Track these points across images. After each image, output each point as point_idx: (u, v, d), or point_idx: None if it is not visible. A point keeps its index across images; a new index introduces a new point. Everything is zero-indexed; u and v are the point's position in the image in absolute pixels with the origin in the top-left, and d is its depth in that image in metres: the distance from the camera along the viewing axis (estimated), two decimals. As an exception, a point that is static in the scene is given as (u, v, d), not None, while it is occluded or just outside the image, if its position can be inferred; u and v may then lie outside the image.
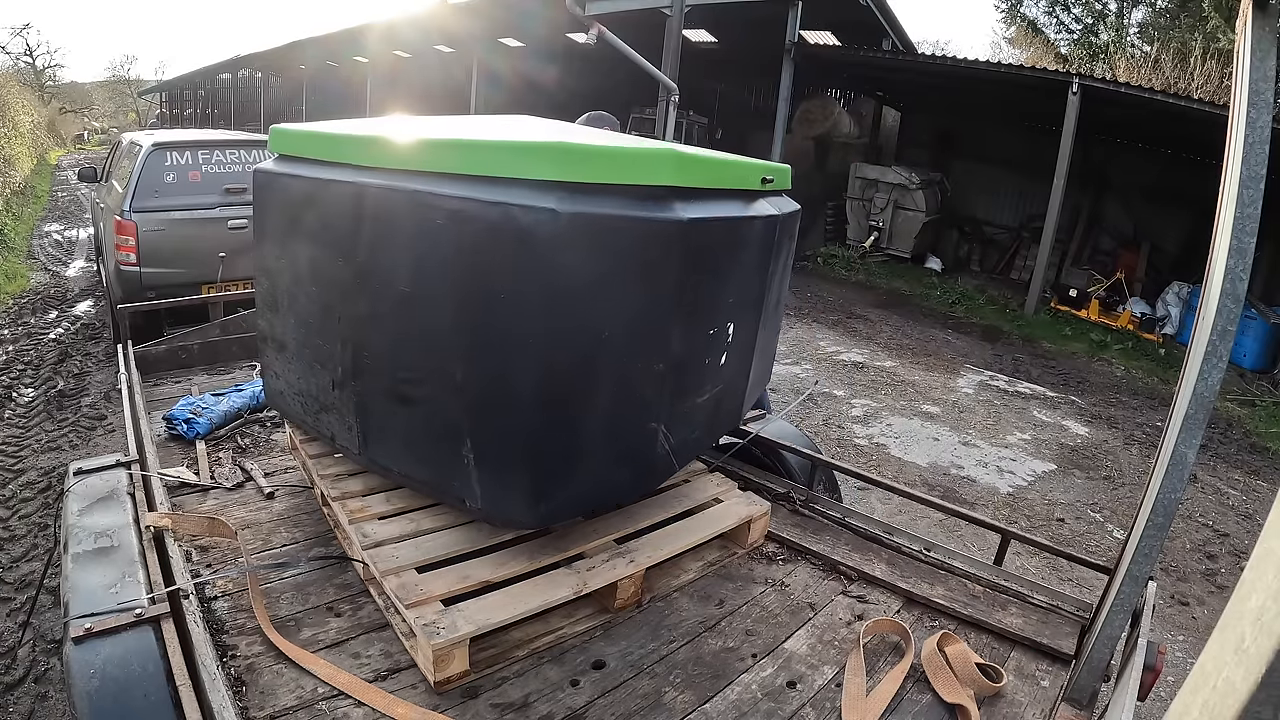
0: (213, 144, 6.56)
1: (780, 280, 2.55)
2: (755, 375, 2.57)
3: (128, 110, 53.65)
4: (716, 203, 1.97)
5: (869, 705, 1.84)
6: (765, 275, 2.33)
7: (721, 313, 2.09)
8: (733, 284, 2.12)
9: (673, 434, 2.02)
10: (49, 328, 7.60)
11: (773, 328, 2.65)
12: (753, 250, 2.20)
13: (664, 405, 1.96)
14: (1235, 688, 0.47)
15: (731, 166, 2.17)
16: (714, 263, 1.97)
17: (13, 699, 2.91)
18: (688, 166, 1.85)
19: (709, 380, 2.14)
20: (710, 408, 2.24)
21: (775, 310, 2.59)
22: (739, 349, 2.29)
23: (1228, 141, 1.80)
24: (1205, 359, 1.60)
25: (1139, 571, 1.75)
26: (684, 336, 1.93)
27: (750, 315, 2.31)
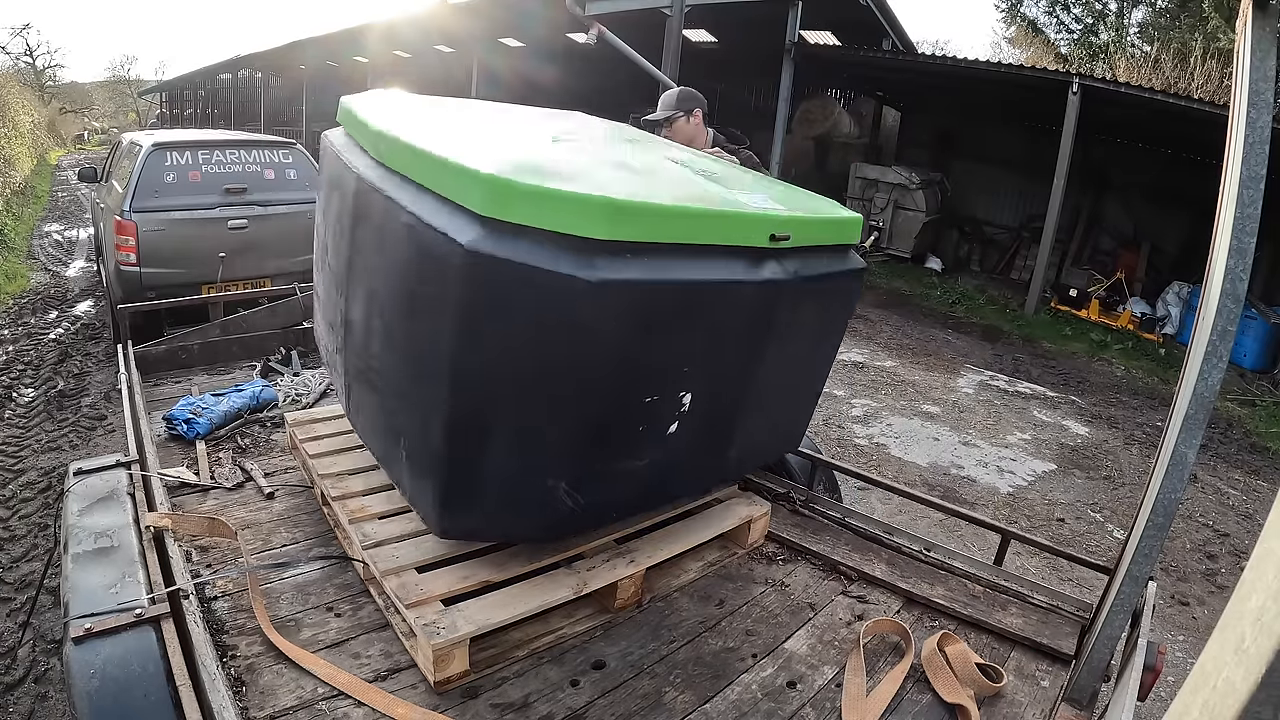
0: (213, 144, 6.56)
1: (806, 349, 2.27)
2: (754, 443, 2.33)
3: (128, 110, 53.65)
4: (673, 261, 1.71)
5: (869, 705, 1.84)
6: (759, 345, 2.01)
7: (667, 382, 1.85)
8: (692, 353, 1.86)
9: (590, 493, 1.89)
10: (49, 328, 7.60)
11: (790, 396, 2.39)
12: (735, 318, 1.90)
13: (568, 463, 1.83)
14: (1235, 688, 0.47)
15: (718, 220, 1.83)
16: (653, 329, 1.74)
17: (13, 699, 2.91)
18: (626, 219, 1.63)
19: (647, 447, 1.93)
20: (658, 473, 2.04)
21: (795, 379, 2.32)
22: (707, 418, 2.02)
23: (1228, 141, 1.80)
24: (1205, 359, 1.60)
25: (1139, 571, 1.75)
26: (601, 400, 1.77)
27: (728, 385, 2.04)
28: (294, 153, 6.92)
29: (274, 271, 6.37)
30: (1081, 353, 9.55)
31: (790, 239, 1.93)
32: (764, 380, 2.11)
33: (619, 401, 1.80)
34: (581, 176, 1.76)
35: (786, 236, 1.92)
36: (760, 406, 2.19)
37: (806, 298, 2.08)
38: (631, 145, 2.52)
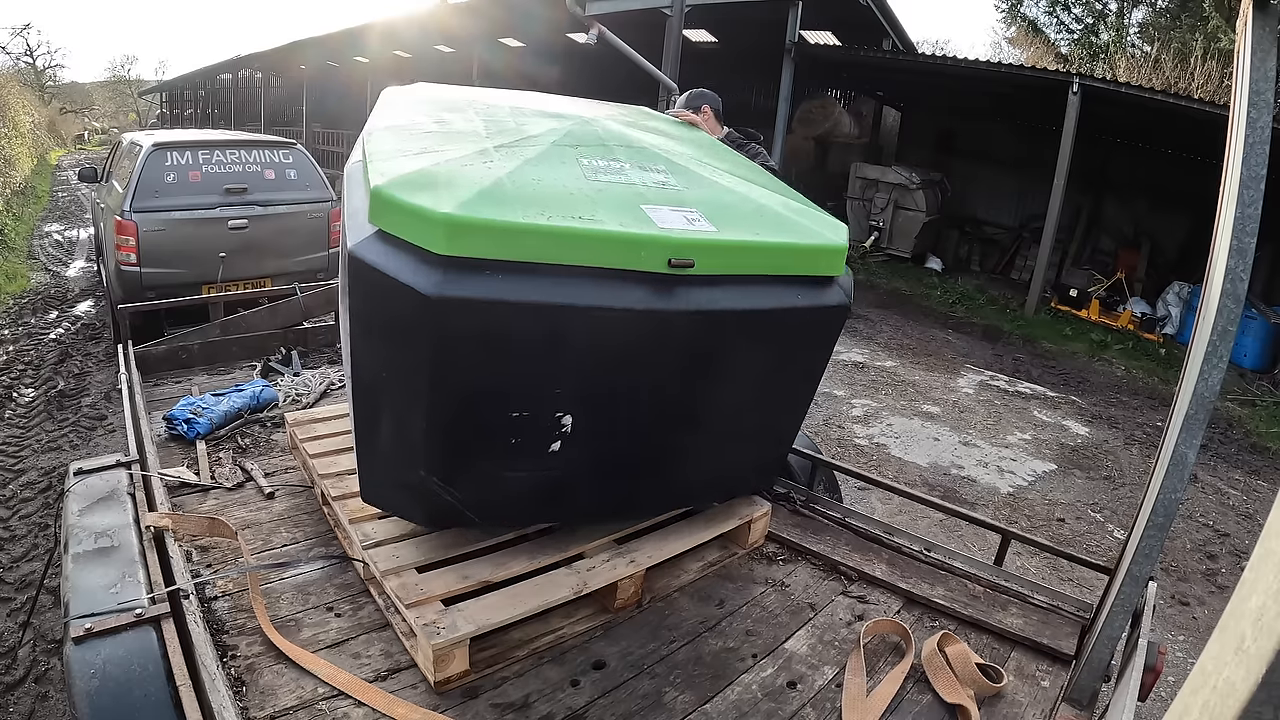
0: (213, 144, 6.56)
1: (767, 386, 2.16)
2: (714, 473, 2.32)
3: (128, 110, 53.63)
4: (531, 281, 1.67)
5: (869, 705, 1.84)
6: (685, 377, 1.96)
7: (535, 400, 1.83)
8: (562, 376, 1.82)
9: (469, 492, 1.94)
10: (49, 328, 7.60)
11: (757, 432, 2.31)
12: (633, 346, 1.84)
13: (437, 459, 1.87)
14: (1235, 688, 0.47)
15: (591, 241, 1.72)
16: (502, 347, 1.73)
17: (13, 699, 2.91)
18: (466, 236, 1.62)
19: (527, 460, 1.92)
20: (561, 487, 2.05)
21: (758, 415, 2.24)
22: (625, 443, 2.03)
23: (1228, 142, 1.80)
24: (1206, 359, 1.60)
25: (1139, 572, 1.75)
26: (455, 407, 1.80)
27: (647, 413, 2.00)
28: (294, 153, 6.92)
29: (274, 271, 6.38)
30: (1082, 353, 9.54)
31: (694, 265, 1.80)
32: (711, 414, 2.09)
33: (477, 411, 1.82)
34: (468, 187, 1.73)
35: (689, 263, 1.79)
36: (714, 439, 2.17)
37: (754, 332, 1.98)
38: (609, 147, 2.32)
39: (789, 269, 2.00)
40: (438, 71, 19.44)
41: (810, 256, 2.04)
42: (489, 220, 1.65)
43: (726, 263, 1.88)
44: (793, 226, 2.07)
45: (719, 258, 1.86)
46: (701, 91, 3.33)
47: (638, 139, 2.34)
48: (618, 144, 2.26)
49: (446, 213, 1.62)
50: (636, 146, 2.28)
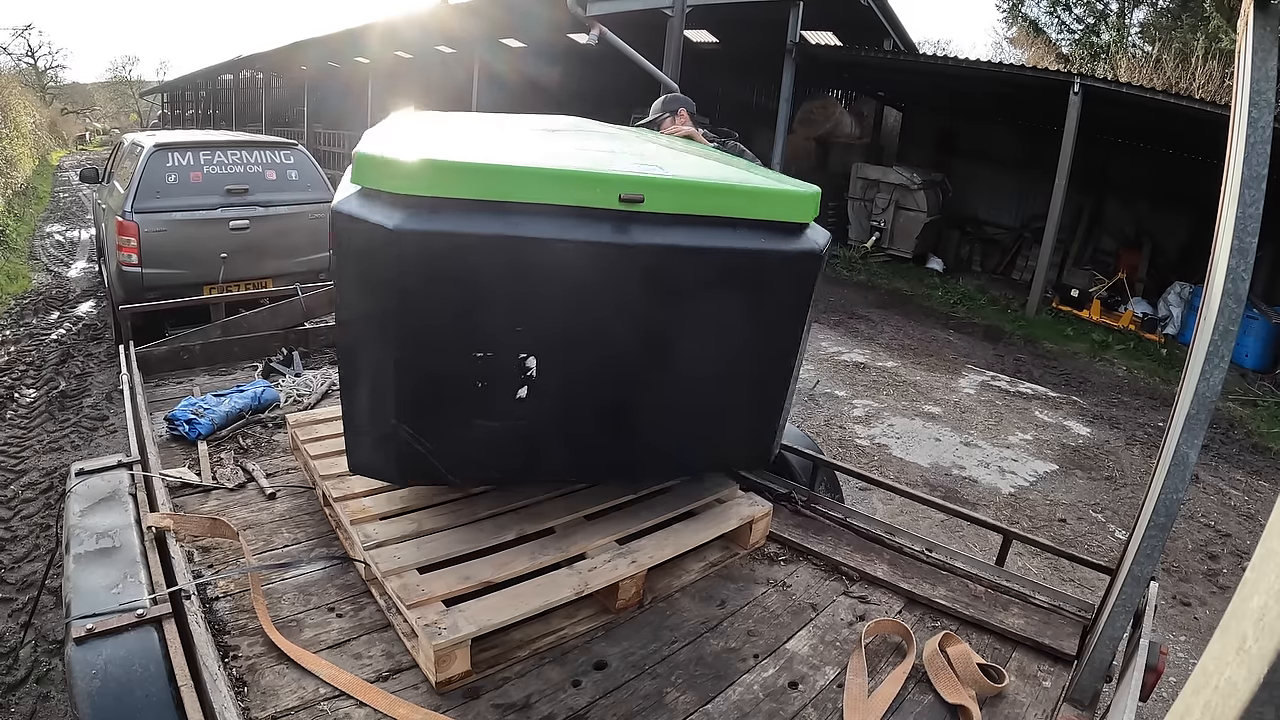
0: (214, 145, 6.57)
1: (739, 338, 2.11)
2: (694, 437, 2.27)
3: (129, 111, 53.67)
4: (487, 216, 1.78)
5: (871, 706, 1.84)
6: (646, 321, 1.98)
7: (498, 339, 1.88)
8: (522, 312, 1.87)
9: (441, 444, 1.97)
10: (51, 328, 7.61)
11: (737, 392, 2.23)
12: (586, 283, 1.89)
13: (407, 407, 1.92)
14: (1237, 688, 0.47)
15: (545, 179, 1.85)
16: (462, 280, 1.81)
17: (15, 699, 2.91)
18: (435, 177, 1.79)
19: (496, 408, 1.95)
20: (533, 439, 2.06)
21: (735, 371, 2.17)
22: (592, 392, 2.04)
23: (1229, 141, 1.80)
24: (1207, 359, 1.59)
25: (1141, 572, 1.75)
26: (423, 347, 1.87)
27: (610, 359, 2.01)
28: (295, 153, 6.92)
29: (275, 272, 6.38)
30: (1083, 353, 9.54)
31: (643, 201, 1.86)
32: (683, 367, 2.08)
33: (442, 352, 1.88)
34: (439, 143, 2.01)
35: (639, 198, 1.86)
36: (690, 396, 2.15)
37: (715, 275, 1.99)
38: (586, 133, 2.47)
39: (751, 212, 2.02)
40: (439, 72, 19.48)
41: (774, 200, 2.07)
42: (447, 161, 1.84)
43: (681, 201, 1.94)
44: (761, 179, 2.16)
45: (672, 195, 1.93)
46: (677, 96, 3.51)
47: (616, 132, 2.48)
48: (602, 133, 2.38)
49: (409, 159, 1.82)
50: (633, 138, 2.41)
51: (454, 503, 2.37)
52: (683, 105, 3.38)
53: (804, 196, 2.10)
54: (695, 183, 2.00)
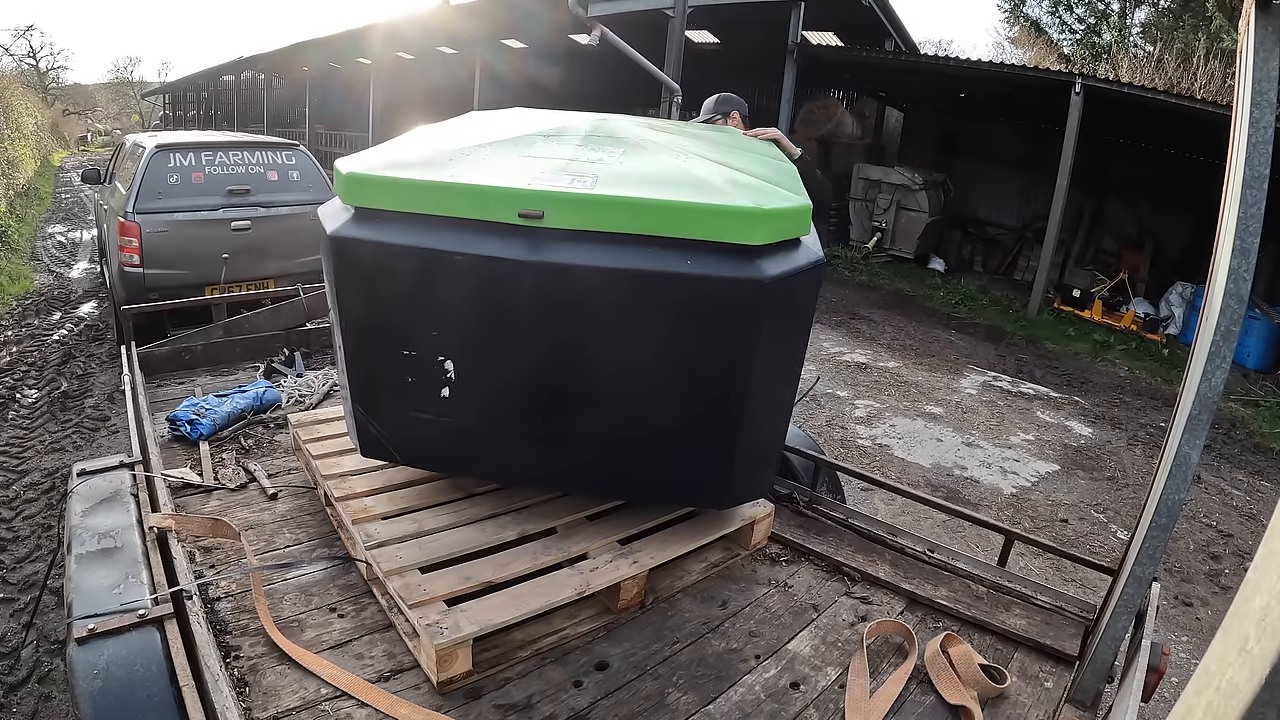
0: (216, 146, 6.57)
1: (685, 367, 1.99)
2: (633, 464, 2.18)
3: (131, 112, 53.72)
4: (415, 229, 1.91)
5: (872, 706, 1.84)
6: (543, 333, 1.97)
7: (417, 341, 1.99)
8: (434, 317, 1.98)
9: (390, 428, 2.17)
10: (53, 329, 7.61)
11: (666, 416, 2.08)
12: (504, 295, 1.91)
13: (360, 391, 2.17)
14: (1239, 689, 0.47)
15: (448, 192, 1.92)
16: (384, 284, 1.98)
17: (16, 699, 2.91)
18: (362, 189, 1.99)
19: (425, 402, 2.06)
20: (468, 438, 2.14)
21: (653, 394, 2.05)
22: (496, 400, 2.09)
23: (1231, 142, 1.80)
24: (1209, 359, 1.59)
25: (1143, 572, 1.75)
26: (364, 341, 2.10)
27: (517, 369, 2.03)
28: (297, 154, 6.93)
29: (277, 272, 6.38)
30: (1085, 353, 9.53)
31: (543, 217, 1.84)
32: (613, 386, 2.03)
33: (379, 345, 2.08)
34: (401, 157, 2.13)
35: (538, 214, 1.85)
36: (626, 419, 2.08)
37: (630, 296, 1.89)
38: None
39: (676, 230, 1.85)
40: (441, 73, 19.49)
41: (705, 218, 1.85)
42: (374, 176, 2.00)
43: (589, 218, 1.86)
44: (709, 192, 1.93)
45: (579, 212, 1.86)
46: (730, 97, 3.36)
47: (627, 131, 2.33)
48: (603, 135, 2.27)
49: (351, 171, 2.02)
50: (619, 137, 2.26)
51: (456, 503, 2.37)
52: (735, 108, 3.26)
53: (745, 213, 1.86)
54: (604, 199, 1.87)
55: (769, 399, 2.13)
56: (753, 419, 2.08)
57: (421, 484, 2.47)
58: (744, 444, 2.11)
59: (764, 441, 2.24)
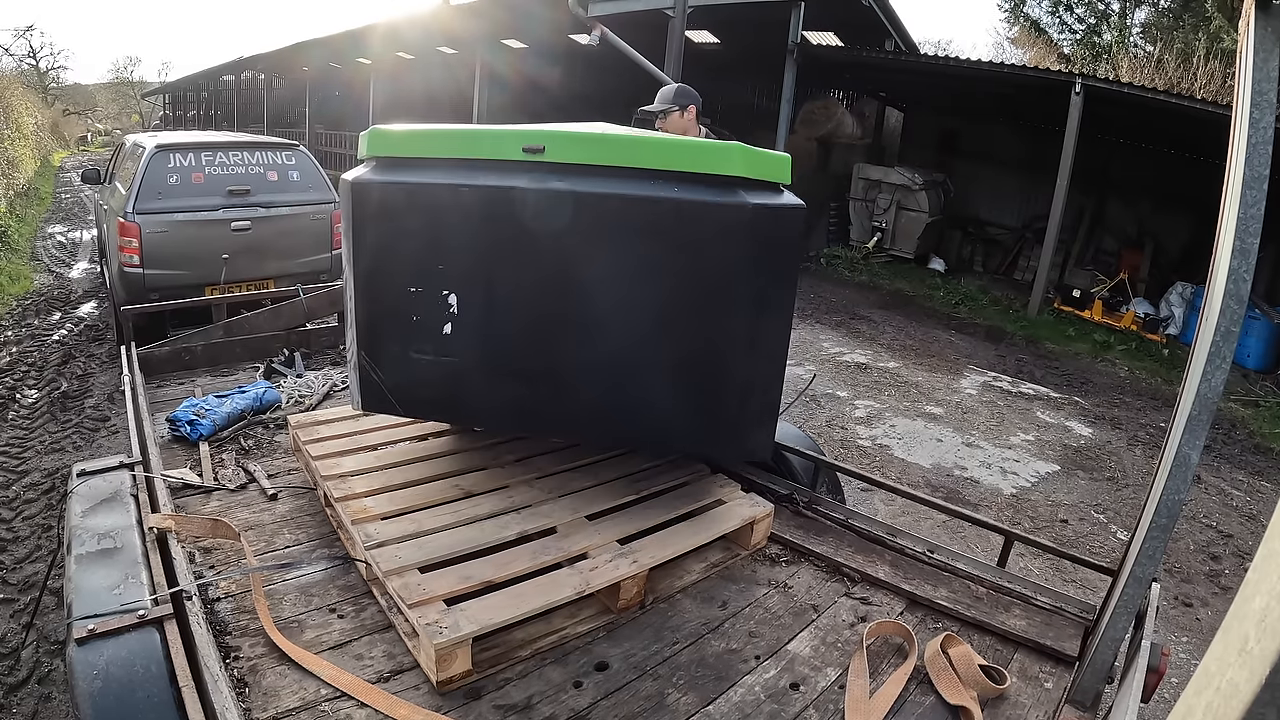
0: (216, 146, 6.57)
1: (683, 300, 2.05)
2: (626, 408, 2.20)
3: (131, 112, 53.72)
4: (419, 170, 2.16)
5: (872, 707, 1.84)
6: (569, 267, 2.08)
7: (426, 276, 2.15)
8: (443, 251, 2.13)
9: (390, 374, 2.28)
10: (52, 329, 7.62)
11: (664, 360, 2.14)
12: (501, 225, 2.07)
13: (364, 335, 2.30)
14: (1239, 689, 0.47)
15: (456, 137, 2.24)
16: (395, 222, 2.18)
17: (16, 700, 2.91)
18: (379, 141, 2.25)
19: (428, 341, 2.20)
20: (466, 380, 2.25)
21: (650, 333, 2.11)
22: (495, 338, 2.17)
23: (1231, 142, 1.80)
24: (1209, 360, 1.59)
25: (1143, 573, 1.75)
26: (375, 280, 2.25)
27: (517, 304, 2.13)
28: (297, 154, 6.93)
29: (277, 273, 6.39)
30: (1085, 353, 9.53)
31: (544, 151, 2.04)
32: (609, 325, 2.11)
33: (385, 286, 2.22)
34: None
35: (540, 148, 2.04)
36: (622, 360, 2.13)
37: (629, 225, 2.02)
38: None
39: (663, 163, 2.02)
40: (441, 73, 19.49)
41: (689, 151, 2.03)
42: (392, 129, 2.25)
43: (586, 152, 2.07)
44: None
45: (577, 145, 2.08)
46: (687, 90, 3.45)
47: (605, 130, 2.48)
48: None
49: (374, 128, 2.27)
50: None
51: (455, 503, 2.37)
52: (691, 101, 3.35)
53: (725, 149, 2.07)
54: (598, 135, 2.13)
55: (761, 344, 2.20)
56: (747, 361, 2.17)
57: (421, 484, 2.47)
58: (739, 388, 2.19)
59: (760, 393, 2.29)
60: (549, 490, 2.48)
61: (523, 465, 2.65)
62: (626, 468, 2.69)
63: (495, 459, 2.69)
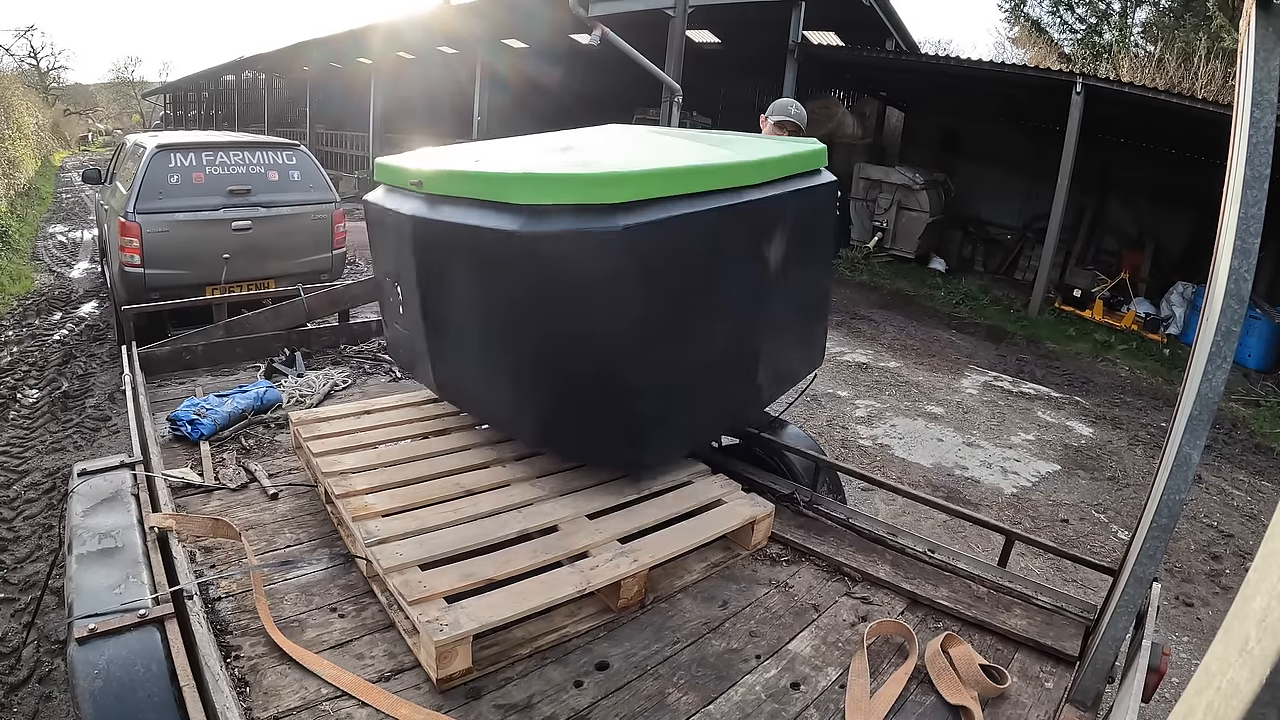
0: (217, 146, 6.58)
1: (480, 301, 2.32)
2: (522, 404, 2.40)
3: (132, 112, 53.74)
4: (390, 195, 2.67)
5: (873, 707, 1.84)
6: (420, 270, 2.50)
7: (387, 270, 2.79)
8: (386, 253, 2.76)
9: (389, 338, 3.07)
10: (53, 329, 7.62)
11: (497, 349, 2.38)
12: (394, 239, 2.62)
13: (382, 310, 3.03)
14: (1239, 689, 0.47)
15: (394, 170, 2.67)
16: (376, 233, 2.81)
17: (17, 699, 2.92)
18: (379, 170, 2.79)
19: (395, 317, 2.82)
20: (417, 351, 2.74)
21: (487, 329, 2.37)
22: (423, 321, 2.60)
23: (1232, 141, 1.80)
24: (1209, 359, 1.59)
25: (1143, 572, 1.75)
26: (378, 275, 2.98)
27: (422, 298, 2.56)
28: (297, 154, 6.93)
29: (278, 273, 6.39)
30: (1085, 353, 9.53)
31: (421, 185, 2.45)
32: (476, 329, 2.42)
33: (381, 276, 2.91)
34: None
35: (418, 183, 2.47)
36: (498, 363, 2.40)
37: (468, 247, 2.31)
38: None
39: (488, 195, 2.22)
40: (441, 73, 19.49)
41: (491, 182, 2.24)
42: (380, 162, 2.78)
43: (449, 186, 2.38)
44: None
45: (442, 182, 2.40)
46: (787, 108, 3.66)
47: None
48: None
49: (378, 160, 2.80)
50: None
51: (456, 500, 2.37)
52: (787, 121, 3.54)
53: (519, 178, 2.18)
54: (453, 173, 2.41)
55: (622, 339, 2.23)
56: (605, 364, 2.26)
57: (422, 481, 2.47)
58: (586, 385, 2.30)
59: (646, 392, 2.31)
60: (550, 488, 2.48)
61: (524, 463, 2.65)
62: (627, 467, 2.70)
63: (496, 456, 2.69)
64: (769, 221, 2.49)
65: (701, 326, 2.35)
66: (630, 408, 2.28)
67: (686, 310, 2.27)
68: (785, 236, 2.55)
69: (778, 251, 2.53)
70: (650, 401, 2.30)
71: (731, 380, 2.65)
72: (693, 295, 2.27)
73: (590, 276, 2.11)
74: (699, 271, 2.27)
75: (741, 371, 2.66)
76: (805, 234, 2.71)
